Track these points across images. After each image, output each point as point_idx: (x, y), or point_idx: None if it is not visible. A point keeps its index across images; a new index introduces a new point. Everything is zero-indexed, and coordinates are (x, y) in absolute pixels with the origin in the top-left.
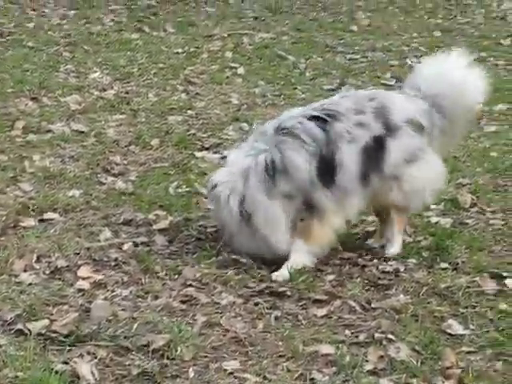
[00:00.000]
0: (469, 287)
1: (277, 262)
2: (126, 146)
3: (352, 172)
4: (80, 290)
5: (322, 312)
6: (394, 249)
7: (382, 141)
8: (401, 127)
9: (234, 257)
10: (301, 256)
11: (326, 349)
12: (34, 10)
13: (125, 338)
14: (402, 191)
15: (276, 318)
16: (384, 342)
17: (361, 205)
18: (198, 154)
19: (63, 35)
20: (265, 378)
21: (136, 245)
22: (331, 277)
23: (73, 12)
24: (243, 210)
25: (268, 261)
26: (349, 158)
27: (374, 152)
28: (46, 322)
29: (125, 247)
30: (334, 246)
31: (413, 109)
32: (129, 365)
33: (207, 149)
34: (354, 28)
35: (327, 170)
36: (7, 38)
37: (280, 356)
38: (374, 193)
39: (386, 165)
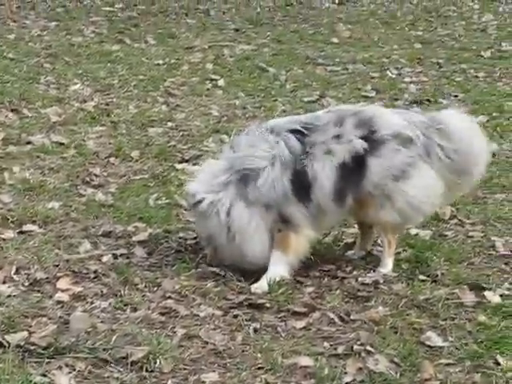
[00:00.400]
0: (448, 299)
1: (256, 273)
2: (105, 158)
3: (326, 189)
4: (59, 302)
5: (300, 324)
6: (386, 269)
7: (363, 157)
8: (385, 142)
9: (213, 269)
10: (279, 267)
11: (305, 361)
12: (14, 21)
13: (103, 350)
14: (396, 208)
15: (255, 330)
16: (363, 354)
17: (337, 221)
18: (178, 166)
19: (44, 46)
20: None
21: (115, 257)
22: (310, 289)
23: (53, 23)
24: (229, 222)
25: (247, 273)
26: (324, 173)
27: (353, 169)
28: (24, 333)
29: (104, 259)
30: (311, 258)
31: (400, 122)
32: (107, 377)
33: (187, 161)
34: (335, 40)
35: (302, 184)
36: None
37: (259, 368)
38: (356, 210)
39: (368, 182)
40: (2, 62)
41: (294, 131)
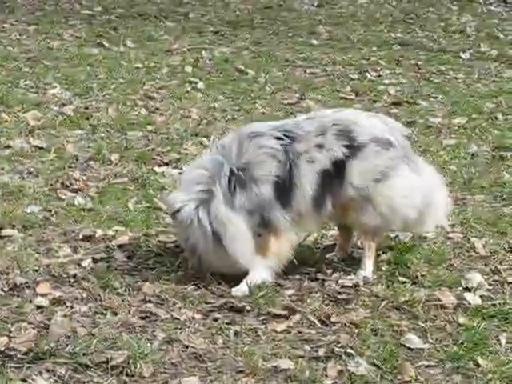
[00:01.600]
0: (428, 301)
1: (236, 277)
2: (85, 162)
3: (307, 196)
4: (39, 307)
5: (281, 327)
6: (366, 273)
7: (343, 163)
8: (365, 146)
9: (193, 272)
10: (260, 271)
11: (286, 364)
12: None
13: (84, 354)
14: (377, 211)
15: (235, 334)
16: (343, 357)
17: (317, 226)
18: (158, 169)
19: (23, 50)
20: None
21: (95, 261)
22: (291, 291)
23: (32, 27)
24: (214, 228)
25: (227, 276)
26: (305, 180)
27: (334, 175)
28: (4, 339)
29: (84, 263)
30: (292, 260)
31: (378, 126)
32: (88, 382)
33: (167, 164)
34: (314, 42)
35: (284, 190)
36: None
37: (239, 371)
38: (338, 213)
39: (349, 185)
40: None
41: (275, 138)
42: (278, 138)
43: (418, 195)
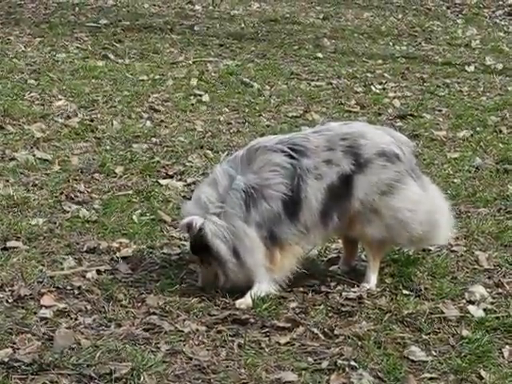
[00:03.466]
0: (431, 313)
1: (240, 289)
2: (90, 174)
3: (314, 210)
4: (43, 319)
5: (284, 339)
6: (370, 285)
7: (351, 177)
8: (372, 160)
9: (197, 284)
10: (264, 284)
11: (289, 376)
12: None
13: (88, 366)
14: (383, 224)
15: (239, 346)
16: (347, 369)
17: (324, 240)
18: (163, 182)
19: (28, 62)
20: None
21: (99, 273)
22: (294, 304)
23: (38, 39)
24: (231, 243)
25: (231, 288)
26: (313, 195)
27: (341, 189)
28: (8, 350)
29: (88, 275)
30: (295, 272)
31: (385, 139)
32: None
33: (171, 176)
34: (319, 55)
35: (293, 205)
36: None
37: (243, 383)
38: (343, 226)
39: (355, 199)
40: None
41: (283, 152)
42: (288, 154)
43: (423, 210)
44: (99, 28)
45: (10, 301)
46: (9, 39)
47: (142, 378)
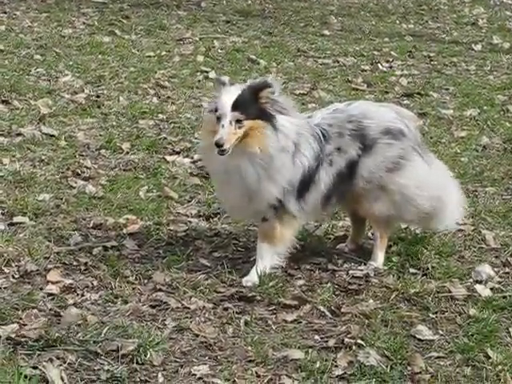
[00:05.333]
0: (438, 292)
1: (247, 266)
2: (96, 150)
3: (320, 193)
4: (50, 294)
5: (291, 317)
6: (377, 264)
7: (358, 159)
8: (378, 140)
9: (203, 261)
10: (267, 259)
11: (296, 354)
12: (4, 12)
13: (94, 342)
14: (390, 200)
15: (246, 323)
16: (353, 348)
17: (318, 219)
18: (169, 158)
19: (34, 38)
20: (234, 382)
21: (106, 249)
22: (301, 282)
23: (44, 15)
24: None
25: (238, 265)
26: (323, 179)
27: (347, 172)
28: (15, 326)
29: (94, 251)
30: (302, 251)
31: (389, 117)
32: (98, 369)
33: (178, 153)
34: (326, 32)
35: (305, 184)
36: None
37: (249, 361)
38: (351, 203)
39: (361, 178)
40: None
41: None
42: (319, 137)
43: (430, 186)
44: (105, 4)
45: (16, 276)
46: (15, 14)
47: (148, 354)
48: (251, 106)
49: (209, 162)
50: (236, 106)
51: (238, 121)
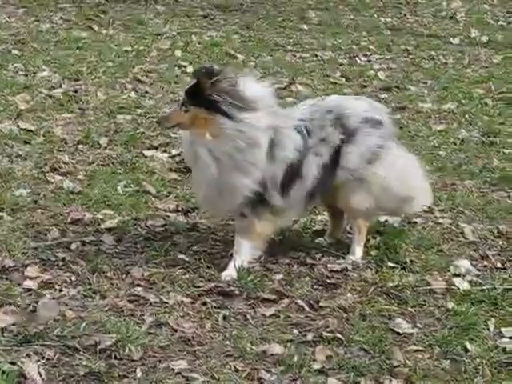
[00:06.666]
0: (417, 286)
1: (225, 260)
2: (74, 145)
3: (304, 188)
4: (27, 290)
5: (270, 311)
6: (355, 257)
7: (340, 149)
8: (357, 130)
9: (182, 256)
10: (245, 254)
11: (275, 348)
12: None
13: (72, 337)
14: (370, 192)
15: (224, 318)
16: (332, 341)
17: (302, 214)
18: (147, 153)
19: (12, 33)
20: (212, 377)
21: (84, 244)
22: (280, 276)
23: (21, 10)
24: None
25: (216, 260)
26: (308, 174)
27: (331, 164)
28: None
29: (72, 247)
30: (280, 244)
31: (365, 107)
32: (76, 365)
33: (156, 148)
34: (304, 26)
35: (290, 179)
36: None
37: (228, 355)
38: (330, 196)
39: (343, 170)
40: None
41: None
42: (303, 134)
43: (406, 174)
44: None
45: None
46: None
47: (127, 349)
48: (199, 94)
49: (183, 150)
50: (187, 92)
51: (185, 105)
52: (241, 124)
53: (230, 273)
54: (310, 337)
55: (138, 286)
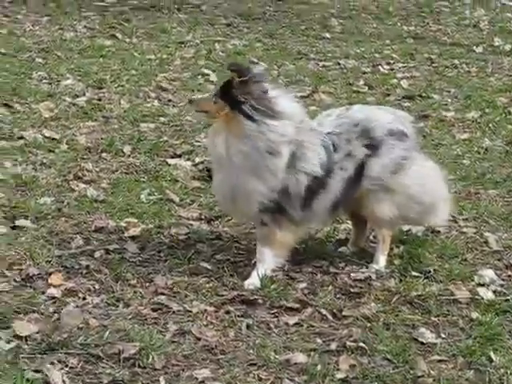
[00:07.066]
0: (441, 295)
1: (248, 269)
2: (97, 153)
3: (328, 201)
4: (51, 298)
5: (293, 320)
6: (379, 266)
7: (365, 161)
8: (382, 142)
9: (205, 265)
10: (268, 263)
11: (298, 357)
12: (6, 16)
13: (96, 346)
14: (395, 202)
15: (247, 326)
16: (355, 351)
17: (325, 224)
18: (171, 161)
19: (36, 41)
20: None
21: (107, 252)
22: (303, 285)
23: (45, 18)
24: None
25: (239, 269)
26: (333, 188)
27: (355, 177)
28: (17, 329)
29: (96, 255)
30: (304, 254)
31: (389, 118)
32: (100, 373)
33: (179, 156)
34: (327, 35)
35: (312, 192)
36: None
37: (251, 364)
38: (354, 205)
39: (367, 179)
40: None
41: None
42: (329, 148)
43: (431, 182)
44: (106, 7)
45: (18, 280)
46: (17, 18)
47: (150, 358)
48: (228, 90)
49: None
50: (220, 85)
51: (215, 95)
52: (263, 127)
53: (253, 281)
54: (333, 346)
55: (162, 294)
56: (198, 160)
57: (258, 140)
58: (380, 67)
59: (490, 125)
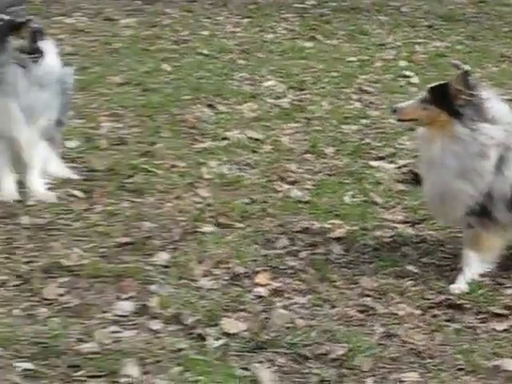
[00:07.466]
0: None
1: (454, 273)
2: (301, 155)
3: None
4: (258, 297)
5: (502, 326)
6: None
7: None
8: None
9: (411, 268)
10: (475, 267)
11: (508, 364)
12: (208, 17)
13: (303, 346)
14: None
15: (455, 331)
16: None
17: None
18: (373, 164)
19: (237, 43)
20: None
21: (313, 253)
22: (511, 290)
23: (246, 20)
24: None
25: (445, 272)
26: None
27: None
28: (226, 327)
29: (301, 255)
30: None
31: None
32: (307, 373)
33: (382, 158)
34: None
35: None
36: (182, 45)
37: (459, 369)
38: None
39: None
40: (197, 58)
41: None
42: None
43: None
44: (306, 9)
45: (226, 278)
46: (218, 20)
47: (357, 359)
48: (445, 95)
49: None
50: (433, 90)
51: (425, 102)
52: (476, 133)
53: (459, 286)
54: None
55: (367, 296)
56: (401, 163)
57: (470, 143)
58: None
59: None
